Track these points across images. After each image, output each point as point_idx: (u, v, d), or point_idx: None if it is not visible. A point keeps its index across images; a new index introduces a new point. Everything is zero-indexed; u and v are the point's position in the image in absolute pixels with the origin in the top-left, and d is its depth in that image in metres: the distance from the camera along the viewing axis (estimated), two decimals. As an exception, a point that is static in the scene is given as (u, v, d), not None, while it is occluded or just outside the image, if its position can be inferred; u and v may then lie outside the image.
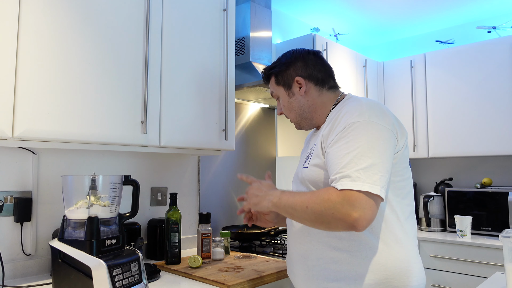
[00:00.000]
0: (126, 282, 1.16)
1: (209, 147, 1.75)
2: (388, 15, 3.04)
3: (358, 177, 0.99)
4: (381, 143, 1.06)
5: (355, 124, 1.08)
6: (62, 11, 1.30)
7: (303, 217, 1.06)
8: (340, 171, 1.02)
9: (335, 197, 1.00)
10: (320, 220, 1.02)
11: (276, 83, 1.33)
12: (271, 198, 1.14)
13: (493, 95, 2.62)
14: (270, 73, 1.35)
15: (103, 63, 1.40)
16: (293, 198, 1.09)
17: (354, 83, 2.89)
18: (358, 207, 0.97)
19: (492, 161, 2.92)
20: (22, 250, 1.49)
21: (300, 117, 1.31)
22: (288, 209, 1.09)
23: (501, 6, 2.86)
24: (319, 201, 1.02)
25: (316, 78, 1.28)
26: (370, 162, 1.02)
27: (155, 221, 1.84)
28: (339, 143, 1.07)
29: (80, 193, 1.22)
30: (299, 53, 1.32)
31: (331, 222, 1.00)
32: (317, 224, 1.05)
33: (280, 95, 1.33)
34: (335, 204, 0.99)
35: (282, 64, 1.32)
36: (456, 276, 2.41)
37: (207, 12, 1.78)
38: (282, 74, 1.31)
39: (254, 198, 1.19)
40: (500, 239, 1.09)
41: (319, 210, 1.01)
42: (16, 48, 1.19)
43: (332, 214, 0.99)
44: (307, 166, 1.21)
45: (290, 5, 2.86)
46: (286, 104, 1.31)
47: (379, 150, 1.04)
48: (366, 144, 1.04)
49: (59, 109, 1.27)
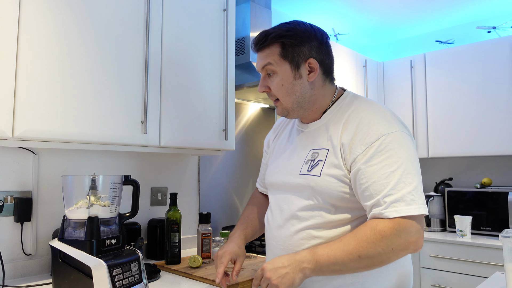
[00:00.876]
0: (126, 282, 1.16)
1: (209, 147, 1.75)
2: (388, 15, 3.04)
3: (413, 200, 0.92)
4: (415, 155, 1.00)
5: (389, 136, 0.98)
6: (62, 11, 1.30)
7: (357, 268, 0.95)
8: (390, 193, 0.93)
9: (389, 231, 0.91)
10: (379, 261, 0.94)
11: (281, 56, 1.07)
12: (304, 266, 0.95)
13: (493, 95, 2.62)
14: (279, 41, 1.07)
15: (103, 63, 1.40)
16: (333, 254, 0.94)
17: (354, 83, 2.89)
18: (414, 231, 0.92)
19: (492, 161, 2.92)
20: (22, 250, 1.49)
21: (297, 104, 1.10)
22: (335, 268, 0.94)
23: (501, 6, 2.86)
24: (371, 244, 0.91)
25: (325, 66, 1.12)
26: (417, 180, 0.95)
27: (155, 221, 1.84)
28: (377, 158, 0.96)
29: (80, 193, 1.22)
30: (316, 30, 1.10)
31: (391, 257, 0.94)
32: (376, 266, 0.96)
33: (280, 72, 1.08)
34: (392, 239, 0.91)
35: (297, 36, 1.07)
36: (456, 276, 2.41)
37: (207, 12, 1.78)
38: (294, 48, 1.06)
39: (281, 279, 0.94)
40: (500, 239, 1.09)
41: (377, 253, 0.92)
42: (16, 48, 1.19)
43: (392, 250, 0.92)
44: (318, 175, 1.05)
45: (290, 5, 2.86)
46: (287, 85, 1.08)
47: (417, 164, 0.99)
48: (407, 158, 0.96)
49: (59, 109, 1.27)
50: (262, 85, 1.13)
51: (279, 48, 1.08)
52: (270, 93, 1.13)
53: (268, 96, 1.15)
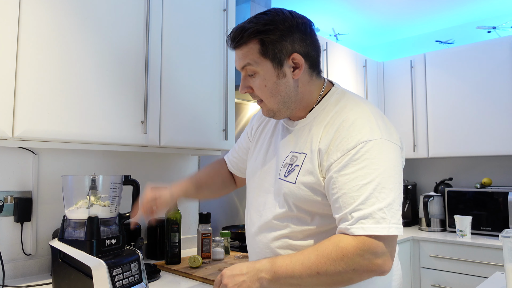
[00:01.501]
0: (126, 282, 1.16)
1: (209, 147, 1.75)
2: (388, 15, 3.04)
3: (383, 218, 0.83)
4: (396, 168, 0.90)
5: (368, 143, 0.88)
6: (63, 11, 1.30)
7: (316, 284, 0.88)
8: (358, 208, 0.85)
9: (352, 249, 0.83)
10: (339, 281, 0.86)
11: (261, 54, 0.95)
12: (262, 276, 0.90)
13: (493, 95, 2.62)
14: (257, 37, 0.94)
15: (103, 63, 1.40)
16: (292, 266, 0.88)
17: (354, 83, 2.89)
18: (380, 253, 0.83)
19: (492, 161, 2.92)
20: (22, 250, 1.49)
21: (282, 105, 1.00)
22: (293, 281, 0.88)
23: (501, 6, 2.86)
24: (331, 261, 0.84)
25: (311, 59, 0.99)
26: (392, 196, 0.86)
27: (155, 221, 1.84)
28: (351, 168, 0.88)
29: (80, 193, 1.22)
30: (297, 20, 0.97)
31: (353, 278, 0.85)
32: (336, 285, 0.88)
33: (262, 72, 0.96)
34: (354, 258, 0.83)
35: (277, 28, 0.94)
36: (456, 276, 2.41)
37: (207, 12, 1.78)
38: (275, 43, 0.94)
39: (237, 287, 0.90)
40: (500, 239, 1.09)
41: (336, 271, 0.84)
42: (16, 48, 1.19)
43: (354, 271, 0.84)
44: (293, 182, 0.98)
45: (290, 5, 2.86)
46: (270, 86, 0.97)
47: (397, 178, 0.89)
48: (385, 171, 0.87)
49: (59, 109, 1.27)
50: (243, 86, 1.01)
51: (258, 45, 0.95)
52: (253, 93, 1.02)
53: (251, 96, 1.04)
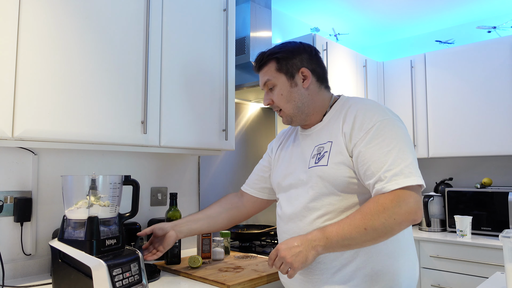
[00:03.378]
0: (126, 282, 1.16)
1: (209, 147, 1.75)
2: (388, 15, 3.04)
3: (411, 172, 1.02)
4: (409, 139, 1.10)
5: (384, 121, 1.10)
6: (62, 11, 1.30)
7: (364, 241, 1.03)
8: (389, 169, 1.03)
9: (390, 203, 1.00)
10: (383, 232, 1.01)
11: (277, 70, 1.25)
12: (316, 244, 1.03)
13: (493, 95, 2.62)
14: (272, 58, 1.26)
15: (103, 63, 1.40)
16: (341, 229, 1.03)
17: (354, 83, 2.89)
18: (412, 201, 1.00)
19: (492, 161, 2.92)
20: (22, 250, 1.49)
21: (297, 110, 1.25)
22: (344, 242, 1.03)
23: (501, 6, 2.86)
24: (375, 216, 1.00)
25: (318, 74, 1.26)
26: (412, 157, 1.05)
27: (155, 221, 1.83)
28: (375, 141, 1.07)
29: (80, 193, 1.22)
30: (304, 45, 1.28)
31: (394, 228, 1.01)
32: (381, 238, 1.03)
33: (279, 84, 1.25)
34: (394, 209, 1.00)
35: (288, 50, 1.25)
36: (456, 276, 2.41)
37: (207, 12, 1.78)
38: (287, 61, 1.24)
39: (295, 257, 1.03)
40: (500, 239, 1.09)
41: (381, 224, 1.00)
42: (16, 48, 1.19)
43: (395, 220, 1.00)
44: (326, 164, 1.15)
45: (290, 5, 2.86)
46: (286, 94, 1.24)
47: (411, 145, 1.09)
48: (401, 139, 1.07)
49: (59, 109, 1.27)
50: (266, 99, 1.29)
51: (275, 63, 1.24)
52: (274, 105, 1.28)
53: (273, 108, 1.29)
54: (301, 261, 1.03)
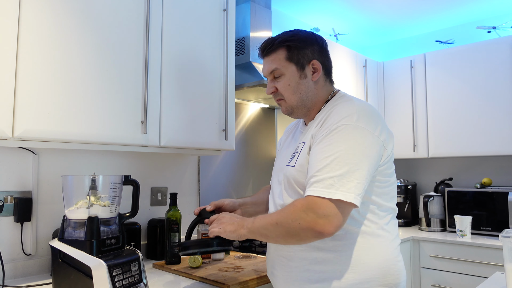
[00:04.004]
0: (126, 282, 1.16)
1: (209, 147, 1.75)
2: (388, 15, 3.04)
3: (332, 185, 0.97)
4: (362, 149, 1.02)
5: (340, 127, 1.05)
6: (62, 11, 1.30)
7: (276, 235, 1.04)
8: (314, 175, 1.01)
9: (300, 206, 0.99)
10: (290, 233, 1.01)
11: (287, 59, 1.17)
12: (246, 224, 1.10)
13: (493, 95, 2.62)
14: (284, 45, 1.18)
15: (103, 63, 1.40)
16: (264, 220, 1.07)
17: (354, 83, 2.89)
18: (322, 213, 0.96)
19: (492, 161, 2.92)
20: (22, 250, 1.49)
21: (301, 102, 1.20)
22: (262, 231, 1.06)
23: (501, 6, 2.86)
24: (286, 214, 1.01)
25: (326, 68, 1.22)
26: (347, 169, 0.99)
27: (155, 221, 1.84)
28: (321, 145, 1.05)
29: (80, 193, 1.22)
30: (316, 36, 1.22)
31: (300, 233, 0.99)
32: (289, 238, 1.03)
33: (287, 74, 1.18)
34: (300, 213, 0.98)
35: (300, 39, 1.18)
36: (456, 276, 2.41)
37: (207, 12, 1.78)
38: (298, 50, 1.17)
39: (229, 226, 1.13)
40: (500, 239, 1.09)
41: (287, 224, 1.00)
42: (16, 48, 1.19)
43: (299, 225, 0.98)
44: (293, 165, 1.16)
45: (290, 5, 2.86)
46: (293, 85, 1.18)
47: (359, 157, 1.01)
48: (346, 149, 1.01)
49: (59, 109, 1.27)
50: (270, 87, 1.22)
51: (285, 51, 1.18)
52: (277, 93, 1.22)
53: (274, 96, 1.24)
54: (230, 230, 1.12)
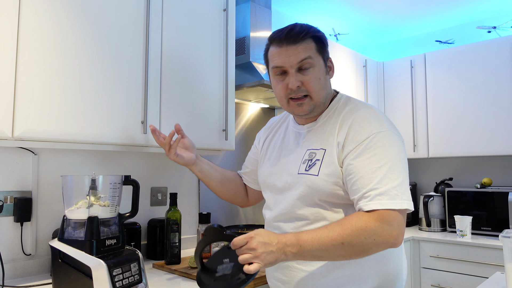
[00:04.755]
0: (126, 282, 1.16)
1: (209, 147, 1.75)
2: (388, 15, 3.04)
3: (397, 195, 0.96)
4: (403, 155, 1.04)
5: (379, 134, 1.02)
6: (62, 11, 1.30)
7: (338, 255, 0.97)
8: (375, 187, 0.97)
9: (373, 222, 0.94)
10: (360, 250, 0.96)
11: (318, 51, 1.10)
12: (288, 250, 0.95)
13: (493, 95, 2.62)
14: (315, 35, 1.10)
15: (103, 63, 1.40)
16: (317, 239, 0.95)
17: (354, 83, 2.89)
18: (396, 225, 0.95)
19: (492, 161, 2.92)
20: (22, 250, 1.49)
21: (324, 99, 1.13)
22: (317, 253, 0.96)
23: (501, 6, 2.86)
24: (355, 232, 0.94)
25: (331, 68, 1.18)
26: (402, 177, 0.99)
27: (155, 221, 1.84)
28: (366, 155, 1.01)
29: (80, 193, 1.22)
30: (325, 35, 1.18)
31: (372, 248, 0.96)
32: (356, 256, 0.98)
33: (317, 66, 1.10)
34: (376, 230, 0.94)
35: (324, 34, 1.14)
36: (456, 276, 2.41)
37: (207, 12, 1.78)
38: (324, 45, 1.13)
39: (267, 255, 0.93)
40: (500, 239, 1.09)
41: (359, 242, 0.94)
42: (16, 48, 1.19)
43: (374, 241, 0.94)
44: (316, 174, 1.08)
45: (290, 5, 2.86)
46: (322, 79, 1.11)
47: (404, 162, 1.03)
48: (394, 157, 1.00)
49: (59, 109, 1.27)
50: (296, 81, 1.07)
51: (314, 43, 1.10)
52: (301, 88, 1.09)
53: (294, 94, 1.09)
54: (270, 261, 0.94)
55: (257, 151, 1.39)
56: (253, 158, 1.40)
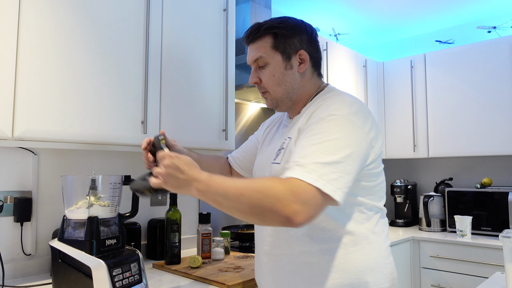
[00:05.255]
0: (126, 282, 1.16)
1: (209, 147, 1.75)
2: (388, 15, 3.04)
3: (314, 170, 0.87)
4: (350, 143, 0.94)
5: (330, 117, 0.97)
6: (62, 10, 1.30)
7: (234, 207, 0.89)
8: (296, 160, 0.91)
9: (280, 185, 0.86)
10: (255, 211, 0.87)
11: (273, 47, 1.09)
12: (197, 186, 0.91)
13: (493, 95, 2.62)
14: (271, 32, 1.09)
15: (103, 63, 1.40)
16: (224, 184, 0.90)
17: (354, 83, 2.89)
18: (302, 200, 0.84)
19: (492, 161, 2.92)
20: (22, 250, 1.49)
21: (286, 95, 1.12)
22: (217, 197, 0.90)
23: (501, 6, 2.86)
24: (259, 188, 0.87)
25: (314, 60, 1.15)
26: (333, 159, 0.90)
27: (155, 221, 1.84)
28: (308, 134, 0.96)
29: (80, 193, 1.22)
30: (307, 25, 1.14)
31: (266, 214, 0.86)
32: (249, 215, 0.89)
33: (273, 63, 1.10)
34: (278, 194, 0.84)
35: (288, 27, 1.10)
36: (456, 276, 2.41)
37: (207, 12, 1.78)
38: (286, 39, 1.09)
39: (173, 179, 0.93)
40: (500, 239, 1.09)
41: (257, 199, 0.85)
42: (16, 48, 1.19)
43: (271, 204, 0.84)
44: (279, 162, 1.07)
45: (290, 5, 2.86)
46: (278, 75, 1.10)
47: (346, 150, 0.93)
48: (335, 139, 0.93)
49: (59, 109, 1.27)
50: (253, 77, 1.14)
51: (271, 39, 1.10)
52: (260, 85, 1.14)
53: (258, 88, 1.16)
54: (172, 185, 0.93)
55: (256, 139, 1.38)
56: (253, 142, 1.39)
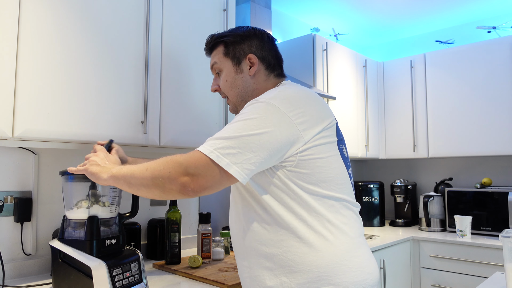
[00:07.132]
0: (126, 282, 1.17)
1: (209, 147, 1.75)
2: (388, 15, 3.04)
3: (213, 144, 0.92)
4: (265, 124, 0.94)
5: (252, 105, 1.00)
6: (63, 10, 1.30)
7: (141, 183, 0.96)
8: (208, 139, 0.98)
9: (180, 156, 0.93)
10: (155, 182, 0.93)
11: (224, 54, 1.19)
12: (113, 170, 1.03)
13: (493, 95, 2.62)
14: (221, 41, 1.20)
15: (103, 63, 1.40)
16: (135, 166, 0.99)
17: (354, 83, 2.90)
18: (193, 168, 0.90)
19: (492, 161, 2.92)
20: (22, 250, 1.49)
21: (240, 98, 1.17)
22: (127, 177, 0.99)
23: (501, 6, 2.86)
24: (161, 161, 0.94)
25: (268, 62, 1.18)
26: (235, 135, 0.93)
27: (155, 221, 1.84)
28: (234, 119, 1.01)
29: (80, 193, 1.22)
30: (257, 31, 1.21)
31: (165, 184, 0.92)
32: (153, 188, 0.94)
33: (225, 69, 1.18)
34: (175, 163, 0.91)
35: (237, 35, 1.19)
36: (456, 276, 2.41)
37: (207, 12, 1.78)
38: (235, 45, 1.18)
39: (94, 166, 1.08)
40: (500, 239, 1.09)
41: (158, 170, 0.93)
42: (16, 48, 1.19)
43: (168, 173, 0.91)
44: None
45: (290, 5, 2.86)
46: (230, 80, 1.17)
47: (258, 130, 0.94)
48: (246, 120, 0.96)
49: (59, 109, 1.27)
50: (214, 84, 1.23)
51: (222, 47, 1.19)
52: (220, 91, 1.22)
53: (221, 95, 1.23)
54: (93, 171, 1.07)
55: None
56: None
